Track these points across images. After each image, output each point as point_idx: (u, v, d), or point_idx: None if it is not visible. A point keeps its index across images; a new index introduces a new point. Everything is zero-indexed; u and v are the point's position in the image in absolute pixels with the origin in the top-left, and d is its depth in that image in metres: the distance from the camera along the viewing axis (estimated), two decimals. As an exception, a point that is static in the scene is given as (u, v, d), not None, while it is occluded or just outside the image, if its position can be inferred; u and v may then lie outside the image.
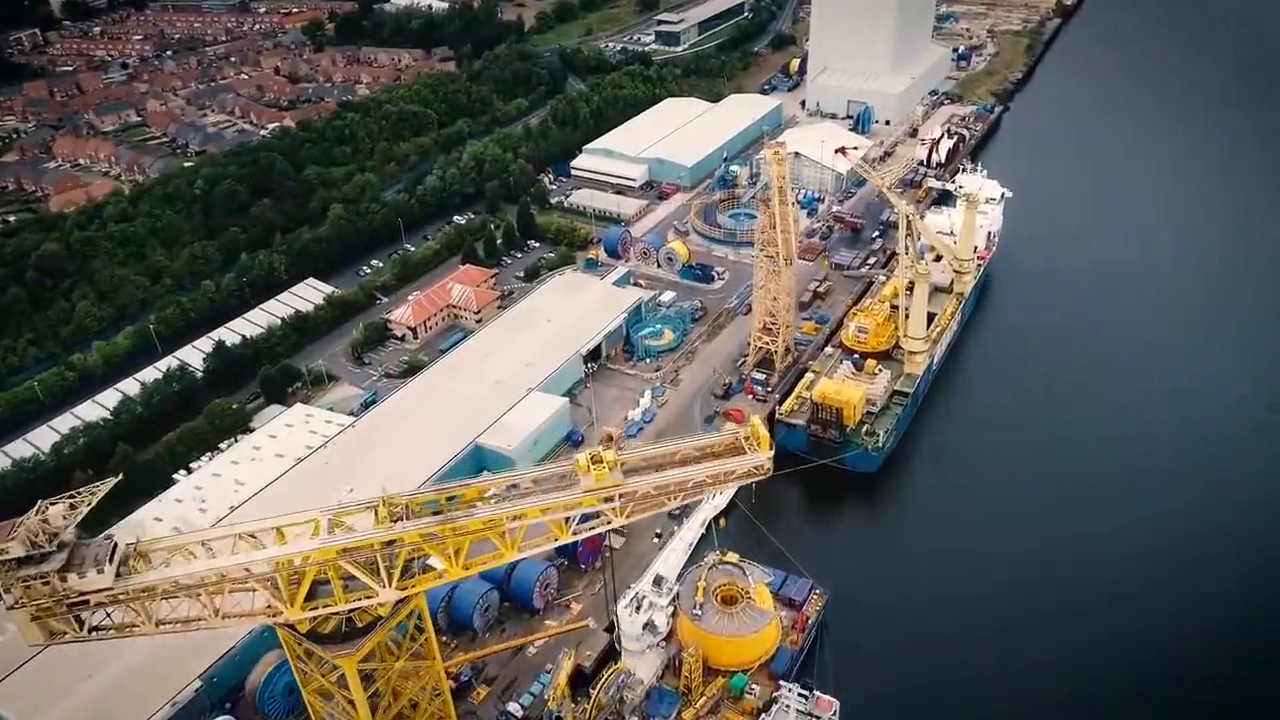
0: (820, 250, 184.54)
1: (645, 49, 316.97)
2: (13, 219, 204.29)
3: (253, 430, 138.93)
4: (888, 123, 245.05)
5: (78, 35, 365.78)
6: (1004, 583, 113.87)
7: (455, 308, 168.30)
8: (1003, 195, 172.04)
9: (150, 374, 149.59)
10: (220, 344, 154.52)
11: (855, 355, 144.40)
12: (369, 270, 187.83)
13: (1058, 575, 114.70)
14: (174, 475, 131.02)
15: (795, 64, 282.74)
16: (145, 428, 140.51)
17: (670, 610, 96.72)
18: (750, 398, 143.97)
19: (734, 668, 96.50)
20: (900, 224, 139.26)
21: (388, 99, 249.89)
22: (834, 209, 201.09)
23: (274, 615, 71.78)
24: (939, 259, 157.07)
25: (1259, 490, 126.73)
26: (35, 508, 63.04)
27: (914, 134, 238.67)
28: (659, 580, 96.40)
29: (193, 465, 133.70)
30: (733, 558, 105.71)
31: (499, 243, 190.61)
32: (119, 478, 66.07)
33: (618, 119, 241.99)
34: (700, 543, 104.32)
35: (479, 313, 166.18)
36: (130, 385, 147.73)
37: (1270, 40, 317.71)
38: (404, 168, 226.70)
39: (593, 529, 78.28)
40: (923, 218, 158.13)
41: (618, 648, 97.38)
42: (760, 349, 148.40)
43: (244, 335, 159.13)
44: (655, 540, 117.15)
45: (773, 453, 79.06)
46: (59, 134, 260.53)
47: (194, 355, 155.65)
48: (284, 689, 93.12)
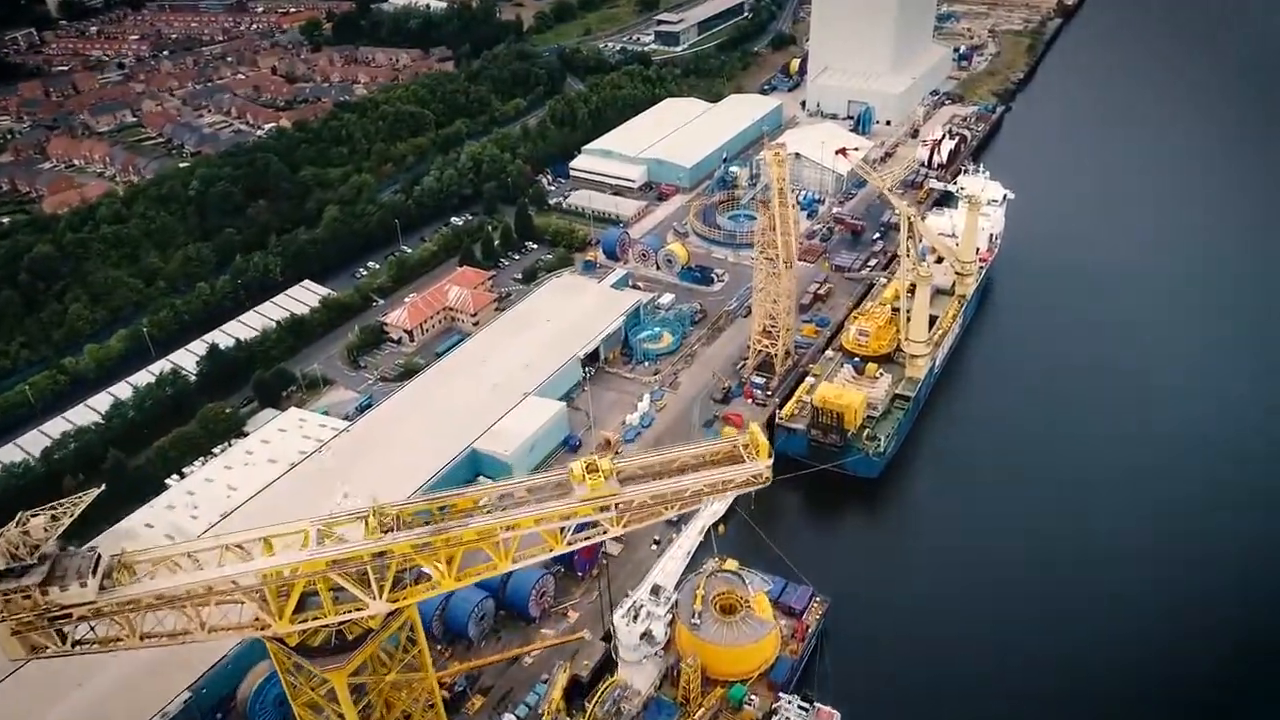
0: (821, 252, 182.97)
1: (644, 49, 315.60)
2: (6, 220, 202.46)
3: (246, 435, 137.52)
4: (888, 123, 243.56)
5: (74, 35, 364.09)
6: (1007, 589, 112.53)
7: (452, 310, 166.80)
8: (1005, 197, 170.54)
9: (143, 377, 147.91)
10: (214, 347, 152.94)
11: (856, 358, 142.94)
12: (365, 272, 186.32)
13: (1061, 581, 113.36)
14: (166, 481, 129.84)
15: (795, 64, 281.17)
16: (137, 432, 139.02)
17: (668, 619, 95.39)
18: (750, 401, 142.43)
19: (733, 678, 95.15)
20: (902, 226, 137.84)
21: (385, 99, 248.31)
22: (834, 210, 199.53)
23: (262, 628, 70.59)
24: (940, 261, 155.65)
25: (1260, 491, 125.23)
26: (16, 519, 61.72)
27: (915, 134, 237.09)
28: (656, 589, 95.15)
29: (185, 470, 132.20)
30: (732, 565, 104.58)
31: (497, 244, 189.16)
32: (101, 488, 64.74)
33: (617, 119, 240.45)
34: (699, 549, 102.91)
35: (476, 315, 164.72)
36: (123, 389, 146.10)
37: (1272, 39, 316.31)
38: (401, 168, 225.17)
39: (588, 539, 76.96)
40: (924, 219, 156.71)
41: (615, 657, 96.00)
42: (760, 352, 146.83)
43: (238, 338, 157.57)
44: (653, 547, 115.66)
45: (772, 460, 77.80)
46: (54, 134, 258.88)
47: (188, 358, 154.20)
48: (275, 700, 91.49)
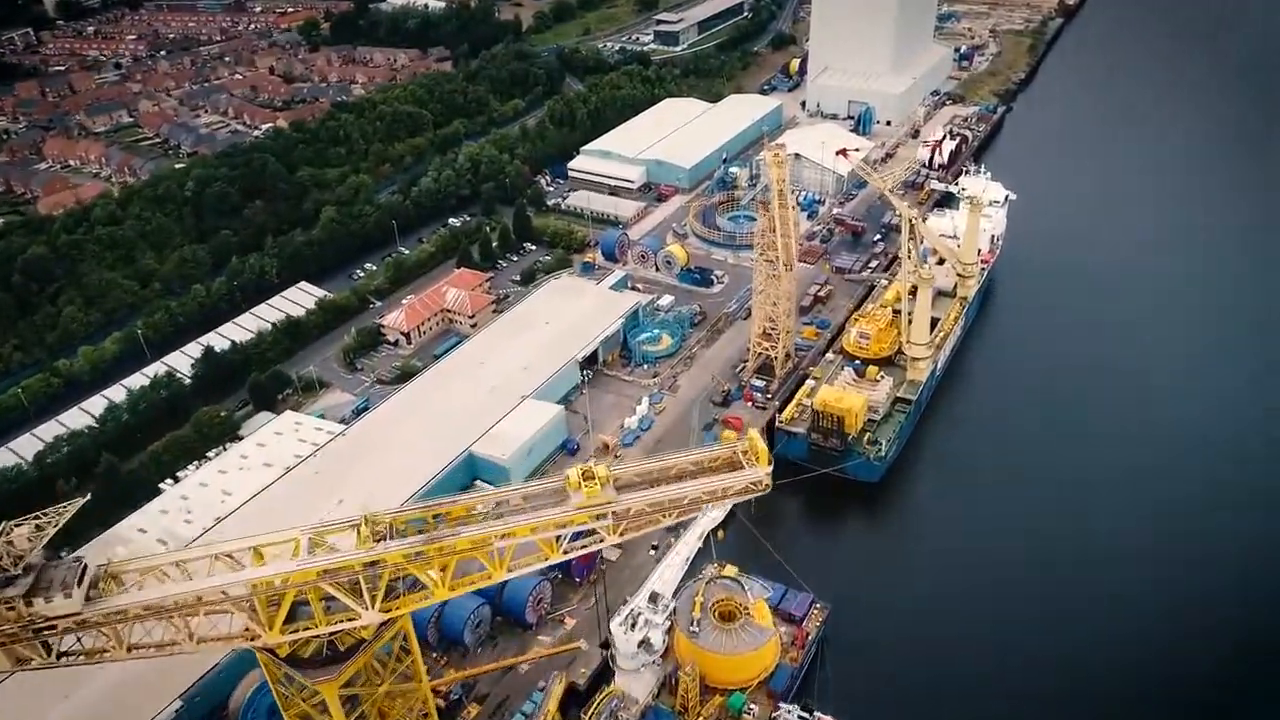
0: (821, 253, 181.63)
1: (644, 49, 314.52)
2: (0, 221, 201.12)
3: (242, 438, 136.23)
4: (889, 123, 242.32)
5: (71, 35, 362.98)
6: (1010, 594, 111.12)
7: (449, 312, 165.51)
8: (1006, 198, 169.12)
9: (138, 380, 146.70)
10: (209, 349, 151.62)
11: (857, 361, 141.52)
12: (362, 274, 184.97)
13: (1064, 584, 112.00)
14: (160, 485, 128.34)
15: (795, 64, 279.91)
16: (131, 436, 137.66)
17: (666, 627, 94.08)
18: (750, 405, 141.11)
19: (732, 686, 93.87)
20: (903, 227, 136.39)
21: (383, 99, 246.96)
22: (835, 211, 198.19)
23: (252, 639, 69.46)
24: (941, 263, 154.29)
25: (1260, 491, 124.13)
26: (-1, 529, 60.61)
27: (915, 135, 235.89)
28: (655, 597, 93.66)
29: (179, 474, 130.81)
30: (731, 571, 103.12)
31: (495, 245, 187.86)
32: (87, 497, 63.53)
33: (616, 120, 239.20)
34: (698, 555, 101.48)
35: (474, 317, 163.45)
36: (117, 392, 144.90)
37: (1273, 39, 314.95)
38: (399, 169, 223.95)
39: (585, 548, 75.74)
40: (925, 220, 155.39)
41: (612, 666, 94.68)
42: (760, 355, 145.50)
43: (234, 340, 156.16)
44: (652, 553, 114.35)
45: (771, 468, 76.70)
46: (49, 135, 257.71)
47: (183, 361, 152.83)
48: (268, 709, 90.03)
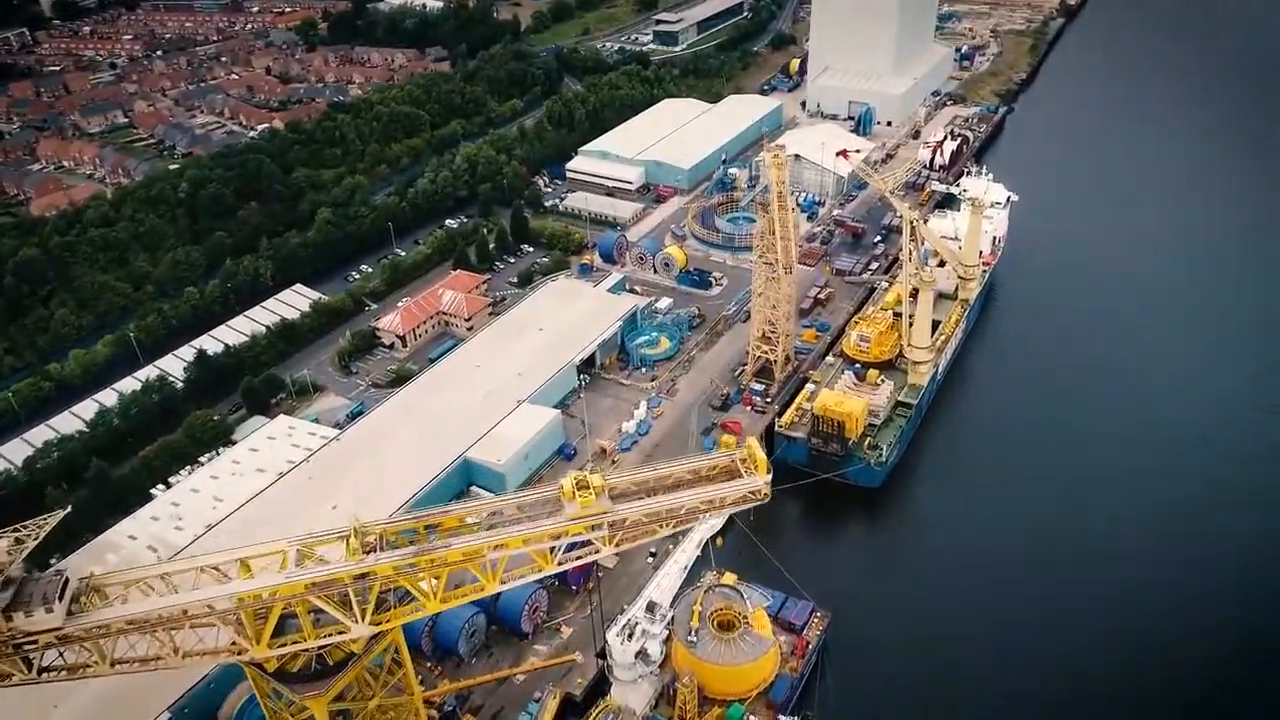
0: (821, 255, 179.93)
1: (643, 49, 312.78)
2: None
3: (234, 443, 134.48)
4: (889, 124, 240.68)
5: (67, 35, 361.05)
6: (1013, 602, 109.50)
7: (446, 315, 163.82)
8: (1008, 199, 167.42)
9: (130, 384, 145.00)
10: (202, 353, 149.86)
11: (857, 365, 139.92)
12: (358, 276, 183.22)
13: (1068, 591, 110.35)
14: (152, 491, 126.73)
15: (795, 64, 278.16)
16: (123, 441, 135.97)
17: (664, 637, 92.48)
18: (749, 409, 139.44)
19: (731, 697, 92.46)
20: (904, 229, 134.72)
21: (379, 100, 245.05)
22: (835, 213, 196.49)
23: (238, 653, 68.03)
24: (942, 265, 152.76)
25: (1261, 492, 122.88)
26: (-23, 543, 59.02)
27: (916, 136, 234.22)
28: (652, 606, 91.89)
29: (171, 480, 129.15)
30: (730, 579, 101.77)
31: (492, 247, 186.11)
32: (68, 509, 62.02)
33: (614, 120, 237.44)
34: (696, 561, 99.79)
35: (470, 320, 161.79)
36: (108, 396, 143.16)
37: (1275, 39, 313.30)
38: (395, 170, 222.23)
39: (580, 559, 74.20)
40: (926, 222, 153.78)
41: (608, 676, 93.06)
42: (759, 358, 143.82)
43: (227, 344, 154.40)
44: (649, 560, 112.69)
45: (770, 476, 75.32)
46: (43, 135, 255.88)
47: (176, 364, 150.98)
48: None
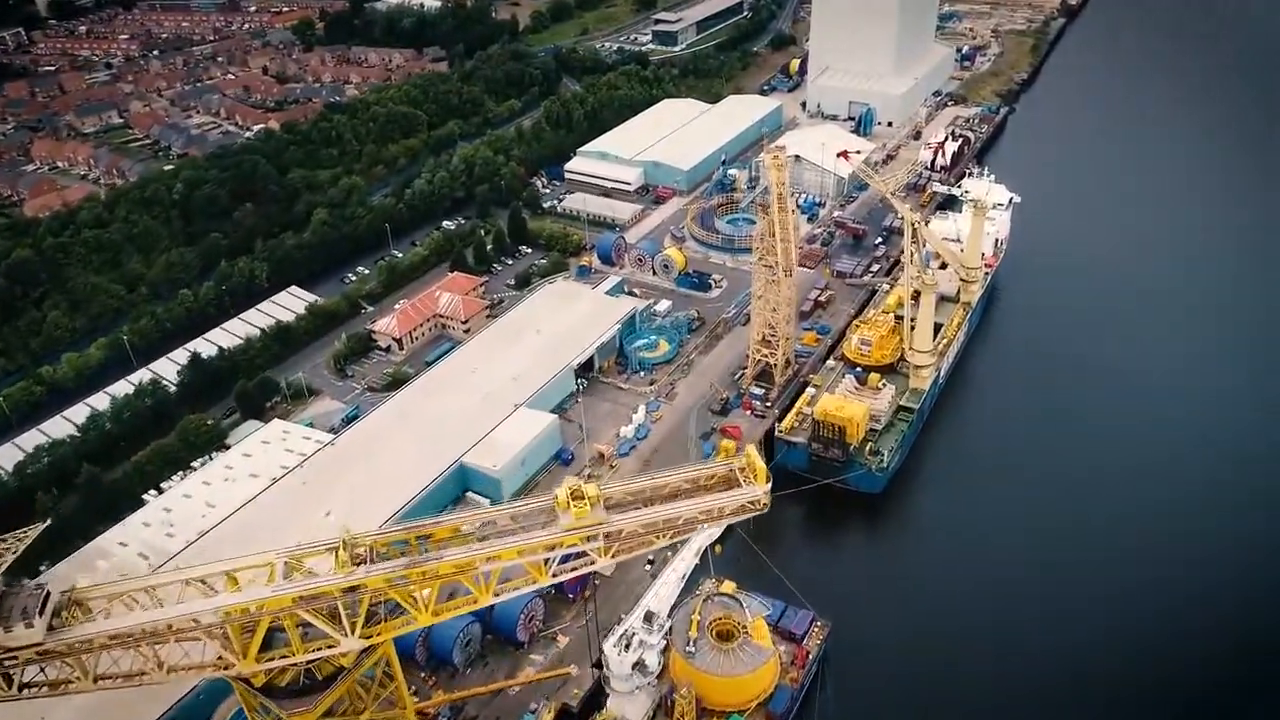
0: (821, 257, 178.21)
1: (642, 49, 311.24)
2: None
3: (228, 448, 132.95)
4: (890, 124, 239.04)
5: (63, 35, 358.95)
6: (1016, 609, 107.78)
7: (442, 317, 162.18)
8: (1010, 200, 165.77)
9: (122, 388, 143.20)
10: (196, 356, 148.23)
11: (858, 369, 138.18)
12: (354, 278, 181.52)
13: (1072, 600, 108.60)
14: (144, 496, 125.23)
15: (795, 64, 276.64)
16: (115, 446, 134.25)
17: (662, 647, 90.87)
18: (749, 413, 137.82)
19: (730, 708, 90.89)
20: (905, 231, 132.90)
21: (376, 100, 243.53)
22: (835, 214, 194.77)
23: (225, 668, 66.44)
24: (944, 267, 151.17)
25: (1262, 495, 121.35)
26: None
27: (917, 136, 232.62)
28: (650, 616, 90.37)
29: (164, 485, 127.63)
30: (729, 587, 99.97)
31: (489, 249, 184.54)
32: (47, 523, 60.45)
33: (613, 121, 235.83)
34: (695, 569, 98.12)
35: (467, 322, 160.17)
36: (101, 400, 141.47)
37: (1277, 39, 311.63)
38: (392, 171, 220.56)
39: (574, 570, 72.64)
40: (927, 224, 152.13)
41: (605, 688, 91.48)
42: (759, 362, 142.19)
43: (221, 347, 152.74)
44: (647, 568, 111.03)
45: (769, 486, 73.82)
46: (38, 136, 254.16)
47: (169, 368, 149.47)
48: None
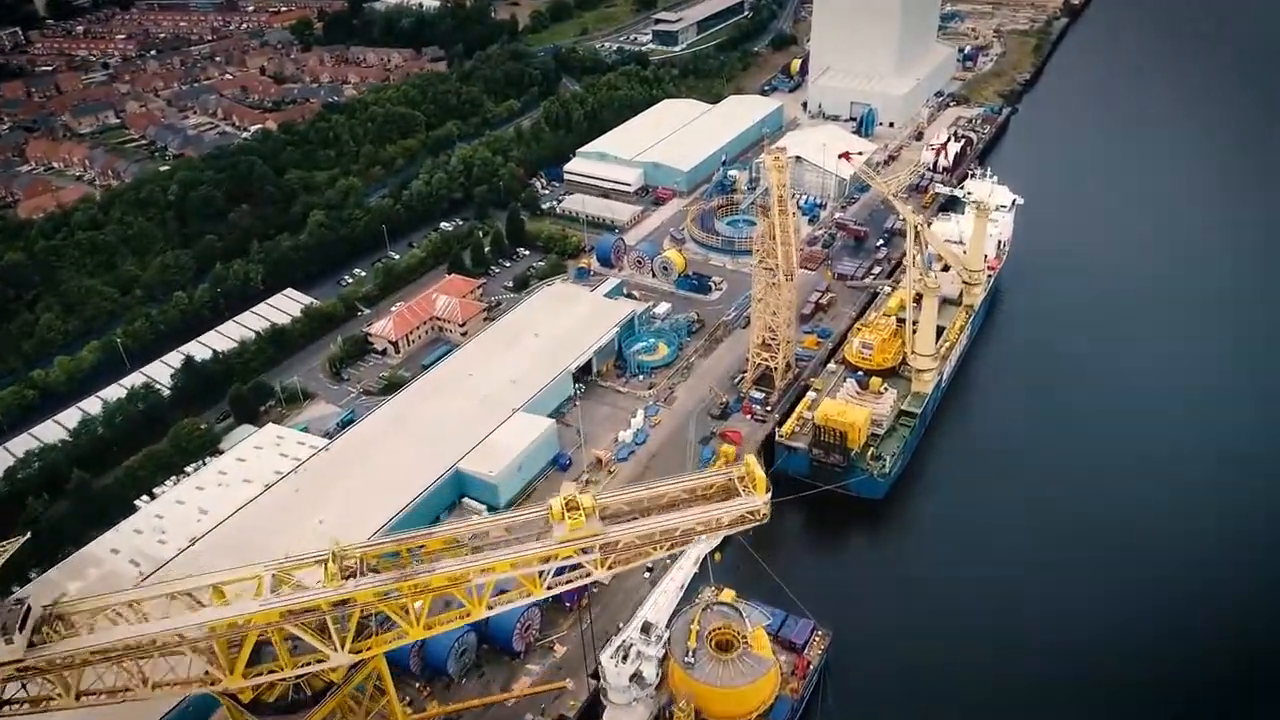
0: (822, 259, 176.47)
1: (642, 49, 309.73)
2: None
3: (221, 453, 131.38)
4: (892, 125, 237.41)
5: (60, 34, 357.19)
6: (1021, 619, 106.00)
7: (439, 320, 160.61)
8: (1014, 202, 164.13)
9: (115, 391, 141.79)
10: (190, 359, 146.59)
11: (859, 372, 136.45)
12: (350, 280, 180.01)
13: (1078, 611, 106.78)
14: (136, 502, 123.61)
15: (796, 64, 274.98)
16: (107, 450, 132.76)
17: (660, 656, 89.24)
18: (748, 417, 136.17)
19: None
20: (908, 234, 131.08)
21: (374, 100, 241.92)
22: (836, 215, 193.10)
23: (211, 683, 64.90)
24: (946, 269, 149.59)
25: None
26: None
27: (919, 137, 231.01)
28: (648, 627, 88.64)
29: (156, 491, 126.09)
30: (728, 595, 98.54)
31: (487, 251, 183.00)
32: (26, 536, 58.95)
33: (613, 121, 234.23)
34: (694, 577, 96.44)
35: (464, 325, 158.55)
36: (93, 404, 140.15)
37: (1278, 39, 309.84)
38: (390, 172, 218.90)
39: (570, 582, 71.28)
40: (929, 225, 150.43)
41: (602, 700, 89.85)
42: (759, 365, 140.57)
43: (216, 350, 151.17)
44: (646, 576, 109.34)
45: (769, 496, 72.51)
46: (33, 136, 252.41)
47: (163, 371, 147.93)
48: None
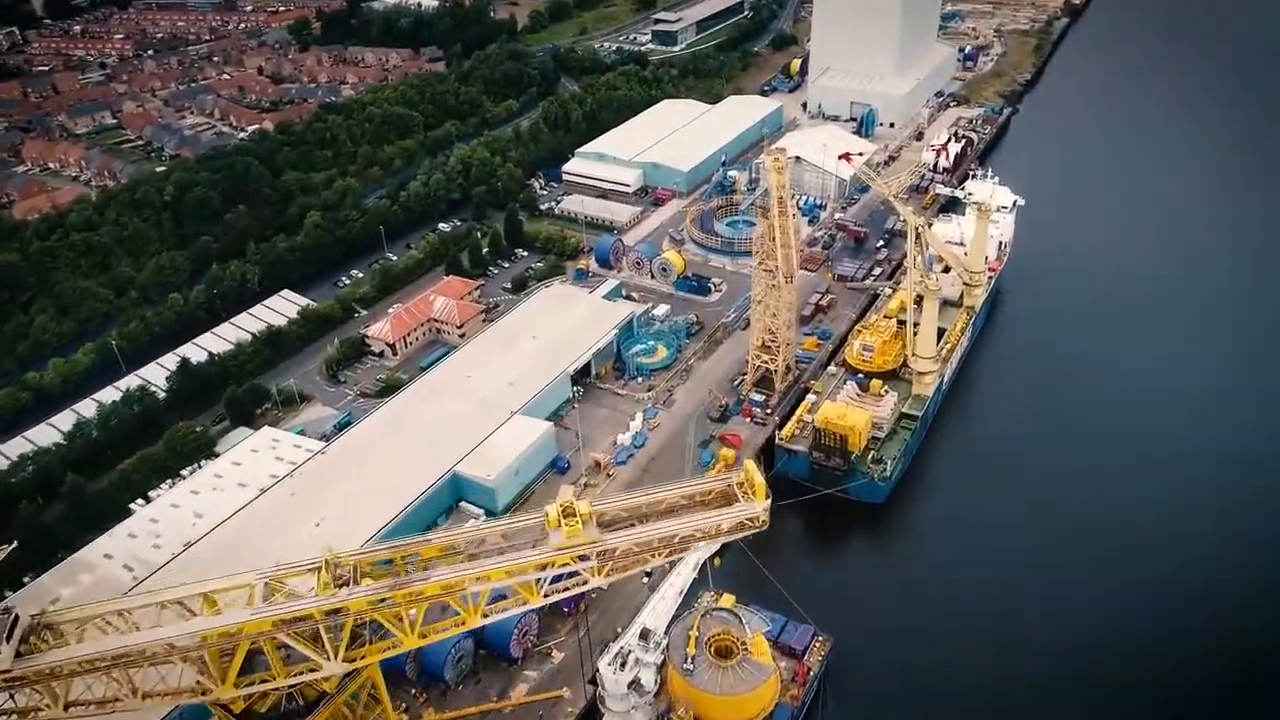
0: (823, 260, 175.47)
1: (641, 49, 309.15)
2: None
3: (217, 456, 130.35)
4: (892, 125, 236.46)
5: (57, 34, 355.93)
6: (1023, 624, 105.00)
7: (437, 322, 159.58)
8: (1015, 203, 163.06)
9: (110, 394, 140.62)
10: (185, 361, 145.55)
11: (860, 375, 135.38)
12: (347, 281, 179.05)
13: (1081, 616, 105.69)
14: (131, 505, 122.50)
15: (796, 64, 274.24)
16: (101, 454, 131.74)
17: (659, 663, 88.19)
18: (748, 420, 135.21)
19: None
20: (909, 235, 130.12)
21: (372, 100, 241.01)
22: (837, 216, 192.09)
23: (203, 693, 63.83)
24: (947, 270, 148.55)
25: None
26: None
27: (919, 137, 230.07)
28: (646, 634, 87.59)
29: (151, 494, 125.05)
30: (728, 601, 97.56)
31: (485, 252, 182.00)
32: (13, 545, 57.91)
33: (612, 121, 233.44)
34: (694, 582, 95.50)
35: (462, 327, 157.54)
36: (88, 406, 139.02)
37: (1278, 39, 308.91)
38: (387, 172, 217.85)
39: (567, 590, 70.20)
40: (930, 226, 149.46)
41: (600, 707, 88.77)
42: (759, 368, 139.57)
43: (212, 352, 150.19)
44: (645, 580, 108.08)
45: (769, 502, 71.50)
46: (29, 136, 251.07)
47: (158, 373, 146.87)
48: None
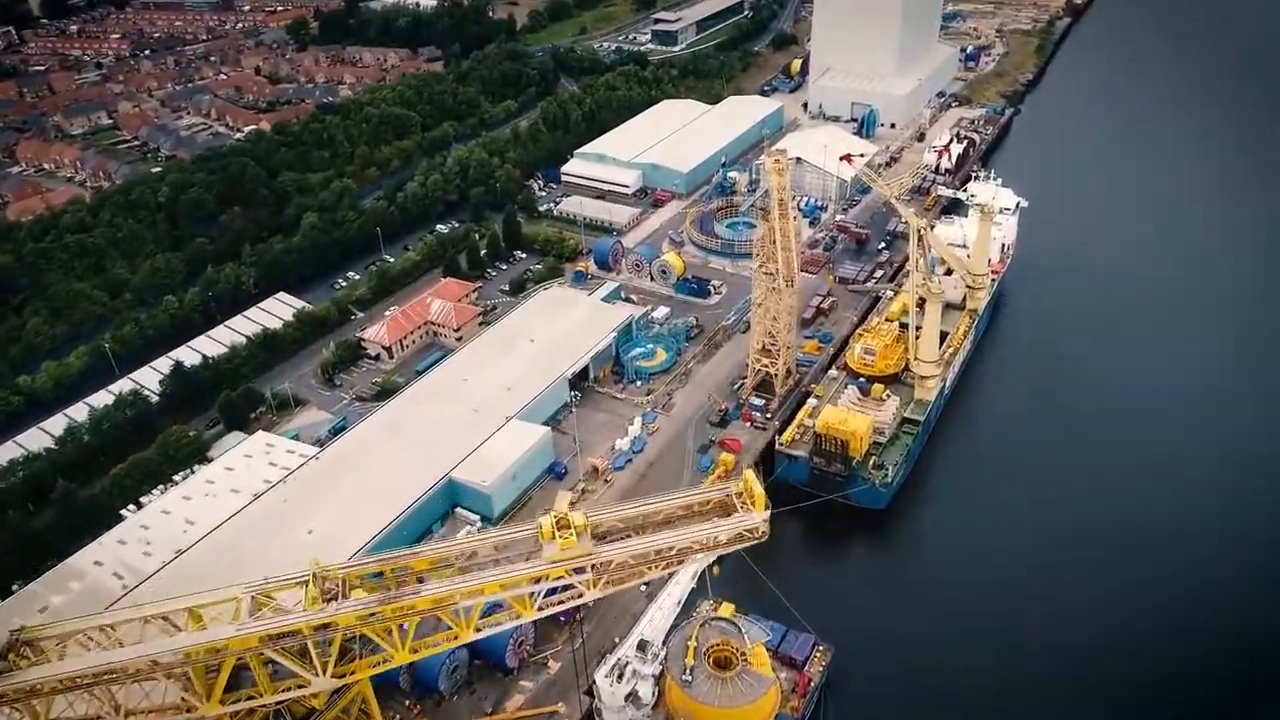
0: (823, 262, 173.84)
1: (641, 49, 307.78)
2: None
3: (210, 461, 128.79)
4: (893, 126, 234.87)
5: (54, 34, 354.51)
6: (1028, 632, 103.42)
7: (434, 324, 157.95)
8: (1018, 205, 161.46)
9: (103, 398, 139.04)
10: (179, 365, 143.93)
11: (861, 379, 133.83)
12: (344, 283, 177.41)
13: (1086, 624, 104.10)
14: (122, 511, 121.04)
15: (797, 65, 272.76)
16: (93, 459, 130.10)
17: (657, 674, 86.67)
18: (748, 425, 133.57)
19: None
20: (911, 237, 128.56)
21: (369, 100, 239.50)
22: (838, 218, 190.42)
23: (188, 711, 62.23)
24: (949, 273, 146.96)
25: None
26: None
27: (921, 138, 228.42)
28: (644, 645, 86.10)
29: (143, 500, 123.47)
30: (727, 610, 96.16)
31: (483, 254, 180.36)
32: None
33: (611, 122, 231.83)
34: (692, 590, 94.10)
35: (459, 330, 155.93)
36: (80, 410, 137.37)
37: (1278, 39, 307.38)
38: (384, 173, 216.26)
39: (561, 603, 68.70)
40: (932, 228, 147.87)
41: (597, 718, 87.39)
42: (759, 371, 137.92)
43: (206, 355, 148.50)
44: (643, 589, 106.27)
45: (768, 513, 69.93)
46: (24, 137, 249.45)
47: (152, 377, 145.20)
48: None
